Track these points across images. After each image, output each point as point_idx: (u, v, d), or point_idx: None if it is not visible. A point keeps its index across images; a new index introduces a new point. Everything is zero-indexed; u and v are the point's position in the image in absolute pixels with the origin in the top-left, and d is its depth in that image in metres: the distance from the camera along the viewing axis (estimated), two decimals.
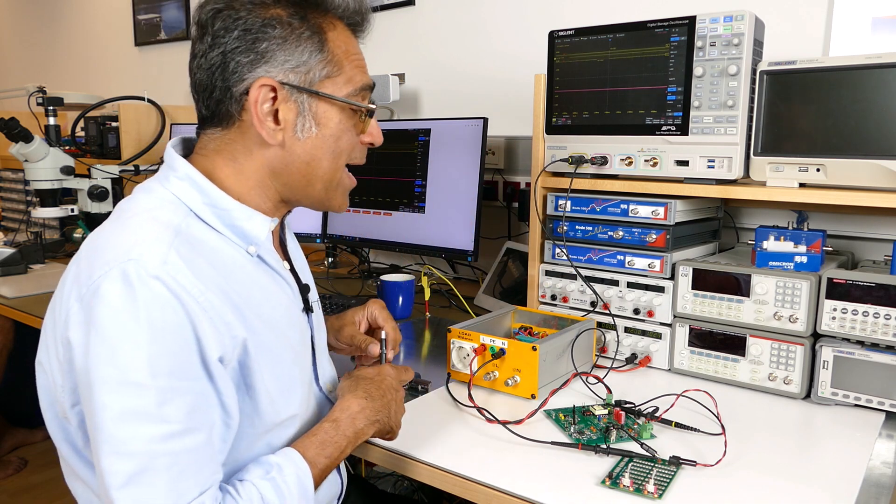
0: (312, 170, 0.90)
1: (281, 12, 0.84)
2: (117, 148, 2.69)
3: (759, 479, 0.94)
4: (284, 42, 0.84)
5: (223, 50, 0.84)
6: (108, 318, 0.73)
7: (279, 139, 0.86)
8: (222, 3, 0.84)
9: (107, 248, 0.77)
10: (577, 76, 1.38)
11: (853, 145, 1.13)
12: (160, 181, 0.88)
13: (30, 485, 2.51)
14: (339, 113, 0.89)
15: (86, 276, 0.76)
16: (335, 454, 0.89)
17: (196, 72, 0.87)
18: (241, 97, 0.85)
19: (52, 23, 4.01)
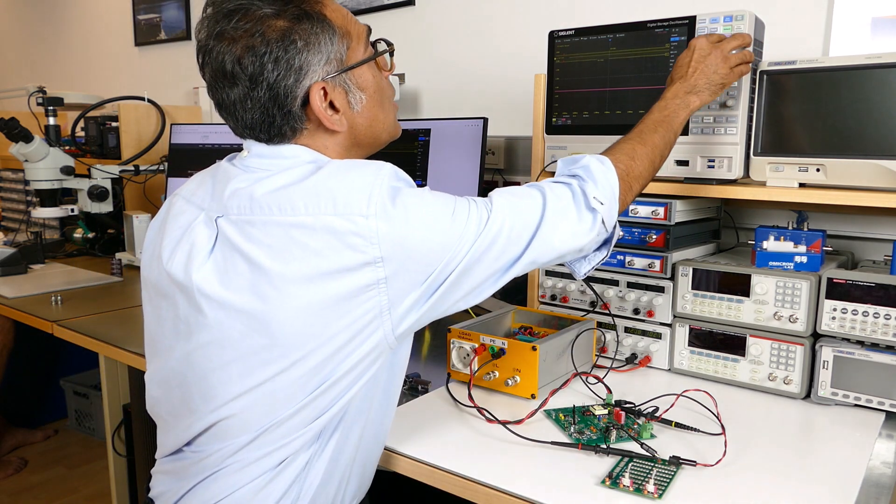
0: (375, 128, 0.98)
1: (284, 24, 0.86)
2: (117, 148, 2.69)
3: (758, 479, 0.94)
4: (308, 46, 0.88)
5: (267, 85, 0.87)
6: (415, 205, 0.83)
7: (345, 123, 0.93)
8: (238, 48, 0.86)
9: (351, 179, 0.83)
10: (577, 76, 1.38)
11: (853, 145, 1.13)
12: (286, 162, 0.91)
13: (30, 485, 2.51)
14: (369, 70, 0.96)
15: (358, 203, 0.81)
16: (675, 126, 1.10)
17: (243, 115, 0.90)
18: (301, 111, 0.90)
19: (52, 23, 4.01)
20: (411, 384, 1.25)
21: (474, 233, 0.87)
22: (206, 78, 0.91)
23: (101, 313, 1.80)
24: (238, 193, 0.87)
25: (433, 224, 0.84)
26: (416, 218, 0.83)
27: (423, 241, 0.83)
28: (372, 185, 0.82)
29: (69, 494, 2.43)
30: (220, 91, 0.90)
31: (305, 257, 0.81)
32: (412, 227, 0.82)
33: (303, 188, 0.84)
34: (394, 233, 0.81)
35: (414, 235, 0.82)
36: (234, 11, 0.86)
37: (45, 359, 2.85)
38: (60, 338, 1.70)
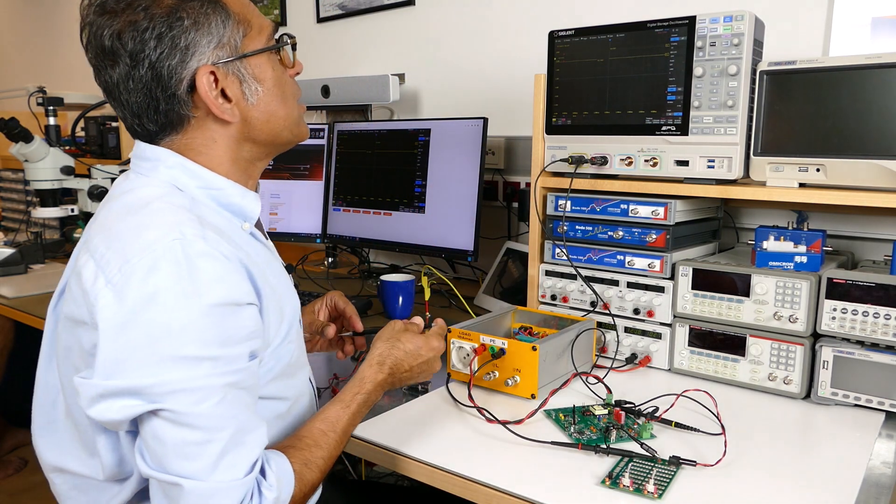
0: (273, 124, 0.92)
1: (171, 1, 0.82)
2: (117, 148, 2.70)
3: (758, 479, 0.94)
4: (197, 26, 0.83)
5: (149, 63, 0.82)
6: (157, 297, 0.74)
7: (237, 114, 0.88)
8: (117, 24, 0.81)
9: (136, 233, 0.78)
10: (577, 76, 1.38)
11: (853, 145, 1.13)
12: (145, 173, 0.89)
13: (30, 485, 2.50)
14: (268, 62, 0.91)
15: (118, 262, 0.76)
16: (357, 424, 0.96)
17: (127, 97, 0.85)
18: (188, 95, 0.85)
19: (53, 23, 4.01)
20: (411, 384, 1.25)
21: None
22: (90, 58, 0.86)
23: None
24: (95, 215, 0.89)
25: (145, 345, 0.74)
26: (142, 324, 0.74)
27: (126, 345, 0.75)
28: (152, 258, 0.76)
29: None
30: (103, 72, 0.85)
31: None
32: (133, 326, 0.74)
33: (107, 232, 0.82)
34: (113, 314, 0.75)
35: (125, 334, 0.74)
36: None
37: None
38: None
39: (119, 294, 0.74)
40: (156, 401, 0.73)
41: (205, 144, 0.90)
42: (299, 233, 2.15)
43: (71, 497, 0.94)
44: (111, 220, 0.83)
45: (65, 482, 0.93)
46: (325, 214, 2.11)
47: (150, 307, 0.74)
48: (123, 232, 0.79)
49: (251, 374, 0.81)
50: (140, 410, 0.74)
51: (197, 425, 0.74)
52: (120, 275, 0.75)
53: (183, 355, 0.74)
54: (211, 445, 0.75)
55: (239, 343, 0.79)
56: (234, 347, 0.78)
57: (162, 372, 0.73)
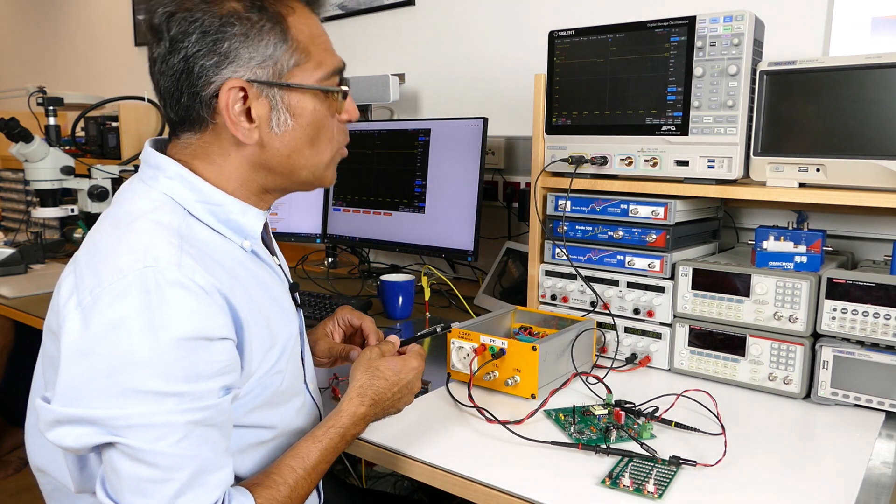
0: (294, 161, 0.88)
1: (237, 6, 0.80)
2: (117, 148, 2.69)
3: (758, 478, 0.94)
4: (246, 38, 0.80)
5: (184, 55, 0.80)
6: (122, 325, 0.71)
7: (255, 138, 0.84)
8: (174, 6, 0.80)
9: (112, 253, 0.75)
10: (577, 76, 1.38)
11: (853, 145, 1.13)
12: (147, 181, 0.86)
13: (30, 485, 2.50)
14: (312, 100, 0.86)
15: (90, 284, 0.73)
16: (333, 459, 0.90)
17: (159, 78, 0.84)
18: (211, 101, 0.82)
19: (52, 23, 4.01)
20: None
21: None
22: (145, 28, 0.85)
23: None
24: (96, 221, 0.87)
25: (105, 375, 0.71)
26: (102, 353, 0.71)
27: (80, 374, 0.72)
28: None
29: None
30: (151, 46, 0.84)
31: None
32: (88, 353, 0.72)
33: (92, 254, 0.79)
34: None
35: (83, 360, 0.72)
36: None
37: None
38: None
39: (85, 319, 0.72)
40: (113, 433, 0.71)
41: (219, 154, 0.86)
42: (299, 233, 2.15)
43: (53, 498, 0.93)
44: (99, 230, 0.82)
45: (48, 483, 0.93)
46: (325, 214, 2.11)
47: (113, 336, 0.70)
48: (103, 250, 0.77)
49: (221, 410, 0.77)
50: (97, 441, 0.71)
51: (153, 463, 0.71)
52: (90, 297, 0.72)
53: (144, 389, 0.70)
54: (167, 485, 0.72)
55: (208, 379, 0.75)
56: (201, 383, 0.74)
57: (120, 405, 0.70)
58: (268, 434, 0.91)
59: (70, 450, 0.74)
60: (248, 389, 0.85)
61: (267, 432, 0.91)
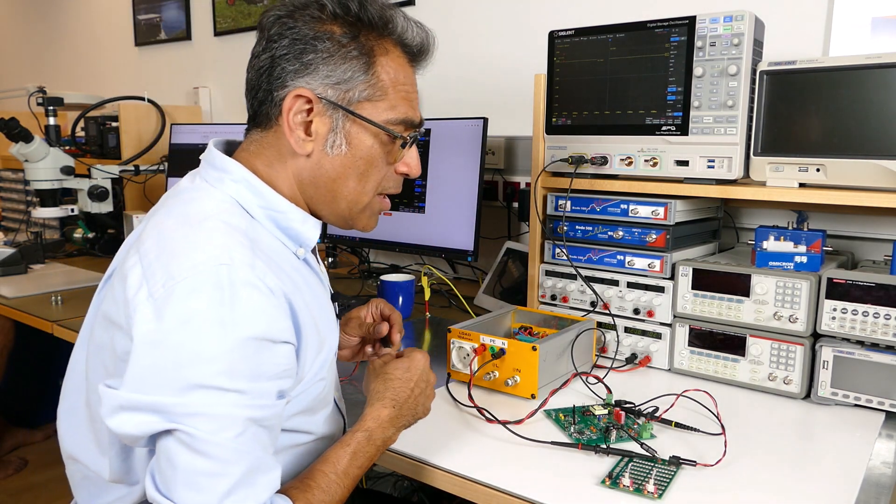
0: (338, 187, 0.90)
1: (335, 29, 0.85)
2: (117, 148, 2.69)
3: (758, 479, 0.94)
4: (330, 57, 0.84)
5: (273, 54, 0.85)
6: (194, 319, 0.72)
7: (308, 150, 0.87)
8: (284, 11, 0.86)
9: (187, 249, 0.76)
10: (577, 76, 1.38)
11: (853, 145, 1.13)
12: (212, 182, 0.87)
13: (30, 485, 2.50)
14: (372, 137, 0.88)
15: (162, 277, 0.74)
16: (365, 465, 0.89)
17: (249, 71, 0.89)
18: (281, 102, 0.85)
19: (52, 23, 4.01)
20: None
21: None
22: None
23: None
24: (153, 212, 0.87)
25: (173, 367, 0.72)
26: (173, 346, 0.73)
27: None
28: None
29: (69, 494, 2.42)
30: (255, 45, 0.90)
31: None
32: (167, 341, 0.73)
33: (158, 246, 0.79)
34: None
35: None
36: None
37: (45, 359, 2.84)
38: (60, 338, 1.70)
39: (158, 311, 0.73)
40: (175, 420, 0.71)
41: (276, 158, 0.89)
42: None
43: (82, 486, 0.93)
44: (167, 226, 0.81)
45: (77, 471, 0.93)
46: None
47: (184, 330, 0.72)
48: (175, 245, 0.77)
49: (275, 413, 0.78)
50: (158, 428, 0.72)
51: (211, 454, 0.72)
52: (163, 290, 0.73)
53: (209, 384, 0.72)
54: (221, 480, 0.72)
55: (269, 380, 0.76)
56: (262, 384, 0.76)
57: (185, 396, 0.71)
58: (303, 439, 0.92)
59: (128, 437, 0.75)
60: (296, 394, 0.86)
61: (302, 437, 0.92)
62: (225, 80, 3.04)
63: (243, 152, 0.91)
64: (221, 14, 2.97)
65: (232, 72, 3.00)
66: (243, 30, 2.89)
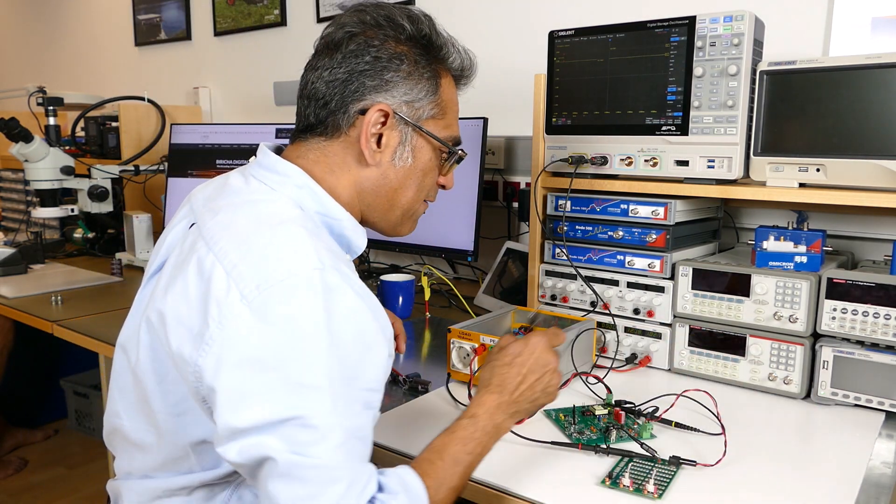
0: (398, 196, 0.95)
1: (408, 50, 0.90)
2: (117, 148, 2.69)
3: (758, 479, 0.94)
4: (408, 77, 0.90)
5: (351, 69, 0.88)
6: (293, 321, 0.73)
7: (377, 160, 0.91)
8: (358, 28, 0.90)
9: (275, 252, 0.77)
10: (577, 76, 1.38)
11: (853, 145, 1.13)
12: (273, 185, 0.88)
13: (30, 485, 2.50)
14: (431, 151, 0.95)
15: (254, 279, 0.74)
16: (477, 450, 0.86)
17: (315, 82, 0.91)
18: (355, 115, 0.89)
19: (52, 23, 4.01)
20: (411, 384, 1.25)
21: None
22: (318, 42, 0.93)
23: (101, 313, 1.80)
24: (212, 209, 0.86)
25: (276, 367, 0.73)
26: (277, 348, 0.73)
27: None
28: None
29: (69, 494, 2.43)
30: (319, 56, 0.91)
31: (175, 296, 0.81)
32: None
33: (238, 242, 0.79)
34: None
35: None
36: (386, 15, 0.91)
37: (45, 359, 2.85)
38: (60, 338, 1.70)
39: (256, 313, 0.73)
40: (276, 432, 0.71)
41: (340, 166, 0.91)
42: None
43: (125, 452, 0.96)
44: (242, 226, 0.81)
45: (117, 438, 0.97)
46: None
47: (284, 333, 0.73)
48: (260, 247, 0.77)
49: (371, 420, 0.79)
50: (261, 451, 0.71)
51: (308, 479, 0.71)
52: (258, 293, 0.73)
53: (311, 384, 0.72)
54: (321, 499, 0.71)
55: (366, 386, 0.78)
56: (359, 391, 0.77)
57: (287, 398, 0.72)
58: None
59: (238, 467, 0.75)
60: None
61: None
62: (225, 80, 3.04)
63: (301, 159, 0.92)
64: (221, 14, 2.97)
65: (232, 72, 3.00)
66: (243, 30, 2.89)
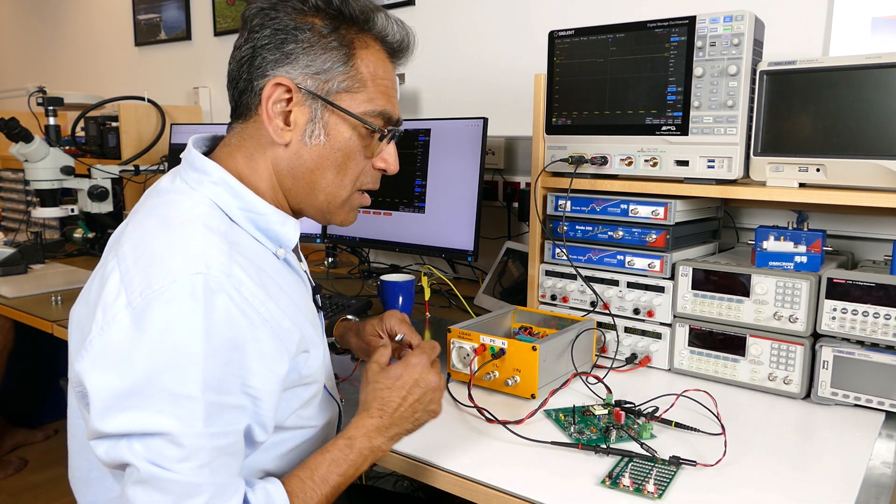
0: (316, 178, 0.90)
1: (316, 21, 0.86)
2: (117, 148, 2.69)
3: (758, 479, 0.94)
4: (310, 47, 0.85)
5: (254, 45, 0.86)
6: (169, 329, 0.72)
7: (286, 139, 0.87)
8: (268, 4, 0.87)
9: (165, 256, 0.75)
10: (577, 76, 1.38)
11: (853, 145, 1.13)
12: (191, 184, 0.87)
13: (30, 485, 2.50)
14: (350, 129, 0.89)
15: (140, 285, 0.73)
16: (349, 472, 0.87)
17: (231, 62, 0.90)
18: (260, 92, 0.86)
19: (52, 23, 4.01)
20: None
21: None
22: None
23: None
24: (134, 210, 0.86)
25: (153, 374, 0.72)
26: (150, 353, 0.72)
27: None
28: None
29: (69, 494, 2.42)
30: (238, 38, 0.90)
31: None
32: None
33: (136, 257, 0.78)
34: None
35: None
36: None
37: (45, 359, 2.85)
38: (60, 338, 1.70)
39: (136, 320, 0.72)
40: (138, 440, 0.71)
41: (256, 149, 0.89)
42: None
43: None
44: (146, 228, 0.81)
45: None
46: None
47: (160, 339, 0.71)
48: (153, 250, 0.77)
49: (239, 434, 0.78)
50: (124, 456, 0.72)
51: (168, 490, 0.71)
52: (141, 299, 0.73)
53: (180, 392, 0.71)
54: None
55: (239, 390, 0.77)
56: (233, 396, 0.76)
57: (157, 407, 0.71)
58: (307, 434, 0.93)
59: (104, 463, 0.75)
60: (288, 397, 0.86)
61: (307, 432, 0.93)
62: (225, 80, 3.04)
63: (225, 147, 0.91)
64: (221, 14, 2.97)
65: None
66: None
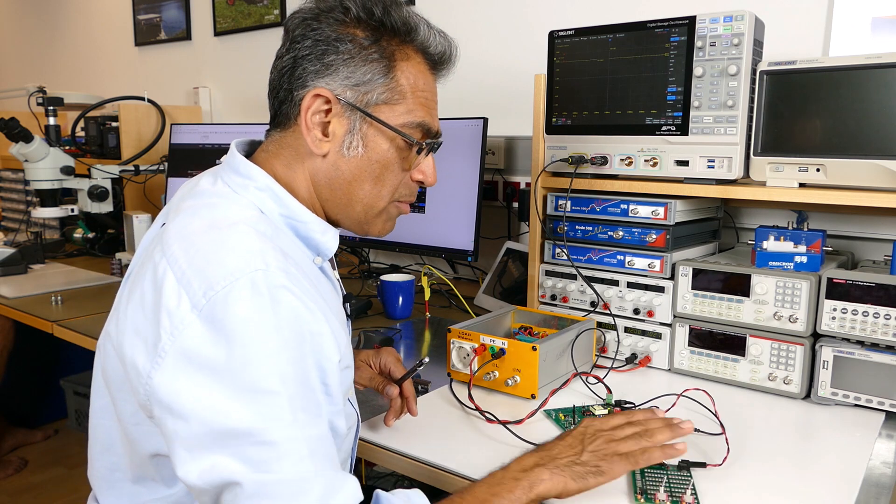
0: (354, 190, 0.90)
1: (358, 32, 0.86)
2: (117, 148, 2.69)
3: (758, 479, 0.94)
4: (351, 59, 0.85)
5: (295, 55, 0.86)
6: (241, 328, 0.71)
7: (324, 150, 0.87)
8: (310, 14, 0.87)
9: (220, 255, 0.75)
10: (577, 76, 1.38)
11: (853, 145, 1.13)
12: (236, 188, 0.86)
13: (30, 485, 2.51)
14: (388, 141, 0.88)
15: (201, 284, 0.72)
16: (504, 494, 0.81)
17: (272, 72, 0.90)
18: (300, 102, 0.86)
19: (52, 23, 4.01)
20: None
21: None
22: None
23: (101, 313, 1.79)
24: (177, 211, 0.84)
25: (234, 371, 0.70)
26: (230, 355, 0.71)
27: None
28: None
29: (69, 494, 2.43)
30: (280, 48, 0.90)
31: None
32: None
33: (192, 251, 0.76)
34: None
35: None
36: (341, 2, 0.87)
37: (45, 359, 2.85)
38: (60, 338, 1.70)
39: (207, 321, 0.71)
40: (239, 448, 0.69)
41: (294, 158, 0.89)
42: None
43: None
44: (193, 229, 0.79)
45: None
46: None
47: (232, 338, 0.70)
48: (206, 250, 0.76)
49: (333, 412, 0.78)
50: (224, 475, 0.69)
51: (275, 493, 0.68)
52: (205, 301, 0.72)
53: (265, 389, 0.70)
54: None
55: (320, 381, 0.76)
56: (314, 386, 0.75)
57: (245, 406, 0.69)
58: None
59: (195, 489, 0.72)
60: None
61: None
62: (225, 81, 3.04)
63: (262, 153, 0.91)
64: (221, 14, 2.97)
65: (232, 72, 3.00)
66: (243, 30, 2.89)
